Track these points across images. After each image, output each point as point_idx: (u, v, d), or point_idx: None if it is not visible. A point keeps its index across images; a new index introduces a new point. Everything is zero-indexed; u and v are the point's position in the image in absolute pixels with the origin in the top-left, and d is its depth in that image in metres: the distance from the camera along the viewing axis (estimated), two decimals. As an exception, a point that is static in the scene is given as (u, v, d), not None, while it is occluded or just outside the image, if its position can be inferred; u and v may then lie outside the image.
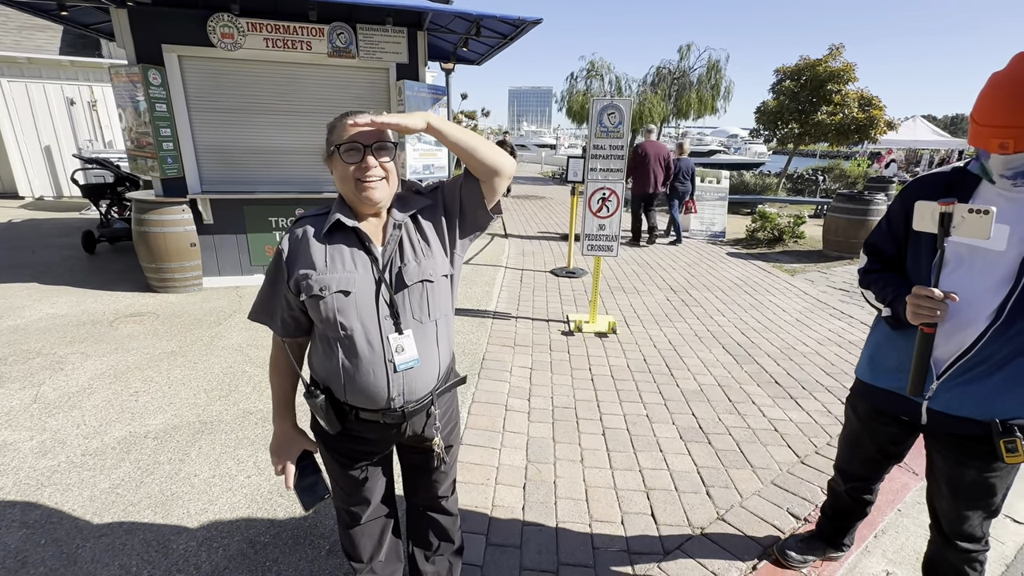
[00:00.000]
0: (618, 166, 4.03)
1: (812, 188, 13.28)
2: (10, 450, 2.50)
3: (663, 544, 2.05)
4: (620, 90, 19.35)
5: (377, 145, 1.12)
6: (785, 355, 3.94)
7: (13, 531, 2.01)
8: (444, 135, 1.11)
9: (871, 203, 6.98)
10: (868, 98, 11.26)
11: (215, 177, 4.98)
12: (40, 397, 3.00)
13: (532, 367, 3.63)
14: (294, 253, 1.18)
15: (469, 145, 1.13)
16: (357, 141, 1.10)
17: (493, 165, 1.16)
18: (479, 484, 2.35)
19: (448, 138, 1.11)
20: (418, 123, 1.07)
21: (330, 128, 1.16)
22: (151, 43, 4.44)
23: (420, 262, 1.20)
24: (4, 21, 10.72)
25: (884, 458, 1.66)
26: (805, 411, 3.11)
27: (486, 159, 1.15)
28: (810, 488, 2.39)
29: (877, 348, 1.58)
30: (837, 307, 5.13)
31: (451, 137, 1.11)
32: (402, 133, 1.08)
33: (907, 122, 17.00)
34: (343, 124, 1.12)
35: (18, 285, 4.98)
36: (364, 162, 1.11)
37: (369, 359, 1.17)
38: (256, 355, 3.65)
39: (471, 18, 4.86)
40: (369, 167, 1.12)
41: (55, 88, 9.92)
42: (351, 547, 1.52)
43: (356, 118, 1.06)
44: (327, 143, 1.16)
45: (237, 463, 2.46)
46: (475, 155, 1.14)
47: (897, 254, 1.50)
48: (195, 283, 5.02)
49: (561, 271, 6.25)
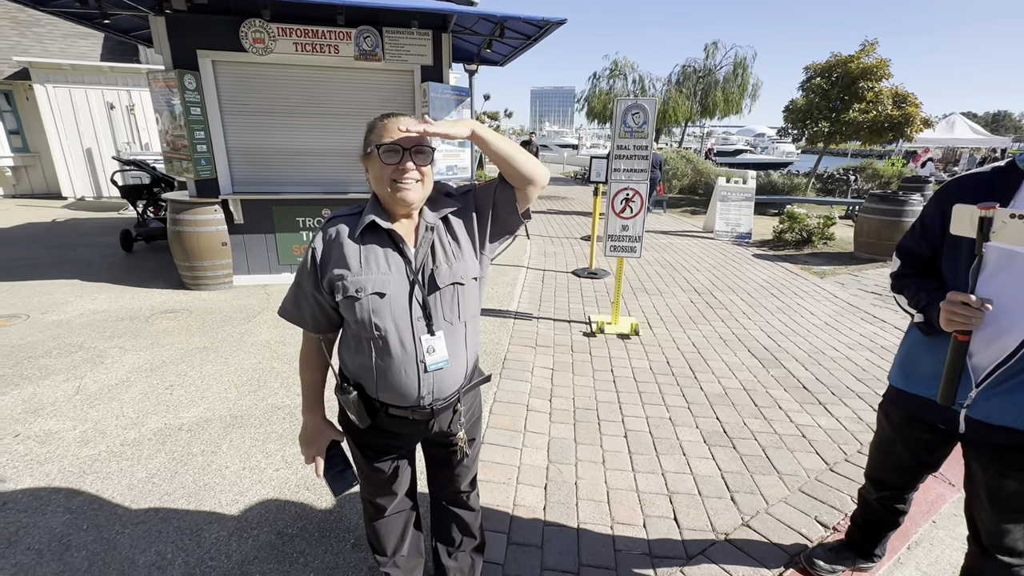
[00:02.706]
0: (642, 166, 4.00)
1: (843, 188, 12.90)
2: (55, 439, 2.63)
3: (686, 548, 2.03)
4: (644, 89, 19.19)
5: (416, 149, 1.13)
6: (813, 359, 3.85)
7: (58, 516, 2.11)
8: (487, 144, 1.12)
9: (906, 204, 6.76)
10: (903, 95, 10.88)
11: (245, 178, 5.13)
12: (82, 389, 3.14)
13: (554, 368, 3.63)
14: (327, 253, 1.20)
15: (509, 155, 1.15)
16: (398, 144, 1.12)
17: (530, 175, 1.18)
18: (500, 483, 2.37)
19: (490, 147, 1.13)
20: (463, 131, 1.09)
21: (370, 127, 1.18)
22: (186, 49, 4.60)
23: (451, 265, 1.22)
24: (51, 30, 11.25)
25: (918, 466, 1.61)
26: (834, 417, 3.03)
27: (524, 169, 1.17)
28: (839, 496, 2.33)
29: (910, 354, 1.53)
30: (869, 311, 4.98)
31: (493, 146, 1.13)
32: (447, 139, 1.10)
33: (945, 120, 16.38)
34: (384, 124, 1.14)
35: (62, 281, 5.22)
36: (402, 165, 1.13)
37: (401, 359, 1.19)
38: (284, 352, 3.74)
39: (495, 19, 4.88)
40: (407, 170, 1.13)
41: (96, 93, 10.34)
42: (375, 539, 1.55)
43: (405, 123, 1.07)
44: (365, 142, 1.18)
45: (266, 456, 2.54)
46: (514, 164, 1.16)
47: (932, 257, 1.45)
48: (226, 281, 5.17)
49: (583, 272, 6.22)
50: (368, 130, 1.18)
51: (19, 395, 3.03)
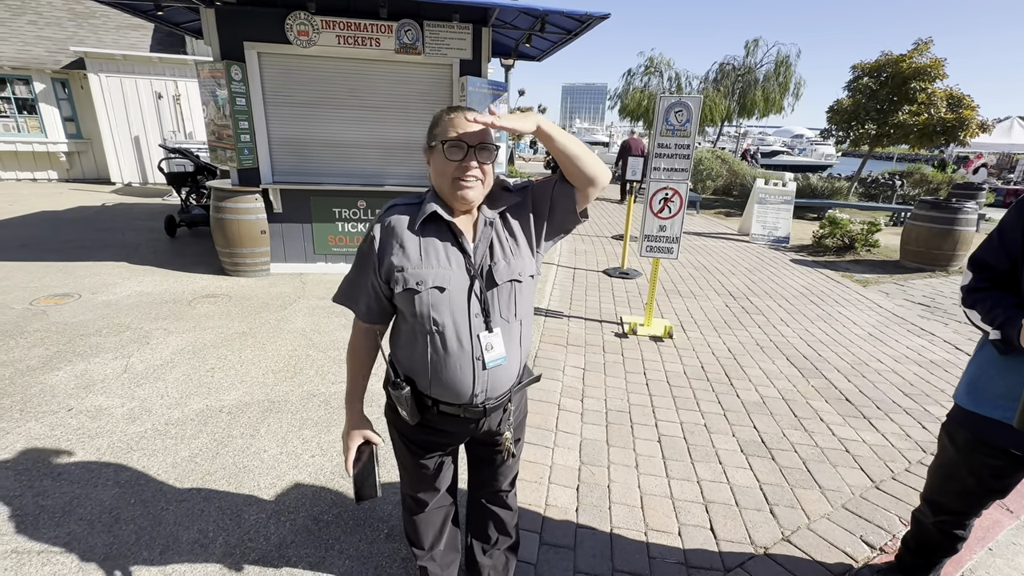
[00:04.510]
0: (683, 166, 3.90)
1: (888, 193, 12.36)
2: (105, 415, 2.74)
3: (723, 561, 1.97)
4: (680, 87, 18.78)
5: (481, 146, 1.11)
6: (857, 371, 3.70)
7: (108, 489, 2.20)
8: (552, 139, 1.08)
9: (959, 211, 6.41)
10: (958, 97, 10.31)
11: (286, 168, 5.24)
12: (130, 368, 3.26)
13: (585, 368, 3.59)
14: (386, 242, 1.18)
15: (573, 152, 1.11)
16: (463, 140, 1.10)
17: (592, 175, 1.15)
18: (532, 482, 2.35)
19: (556, 143, 1.09)
20: (529, 126, 1.06)
21: (434, 121, 1.16)
22: (234, 40, 4.72)
23: (509, 261, 1.19)
24: (105, 22, 11.72)
25: (984, 492, 1.51)
26: (880, 433, 2.91)
27: (587, 168, 1.13)
28: (886, 516, 2.23)
29: (981, 372, 1.44)
30: (916, 323, 4.76)
31: (558, 143, 1.09)
32: (513, 134, 1.08)
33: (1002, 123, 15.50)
34: (450, 119, 1.12)
35: (111, 264, 5.45)
36: (466, 161, 1.11)
37: (457, 355, 1.17)
38: (319, 340, 3.81)
39: (537, 13, 4.84)
40: (470, 168, 1.11)
41: (145, 83, 10.74)
42: (414, 533, 1.56)
43: (473, 114, 1.05)
44: (429, 135, 1.17)
45: (302, 442, 2.59)
46: (577, 163, 1.12)
47: (1010, 271, 1.36)
48: (263, 268, 5.30)
49: (614, 271, 6.14)
50: (433, 123, 1.17)
51: (72, 371, 3.18)
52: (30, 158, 11.15)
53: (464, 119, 1.08)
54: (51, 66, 10.63)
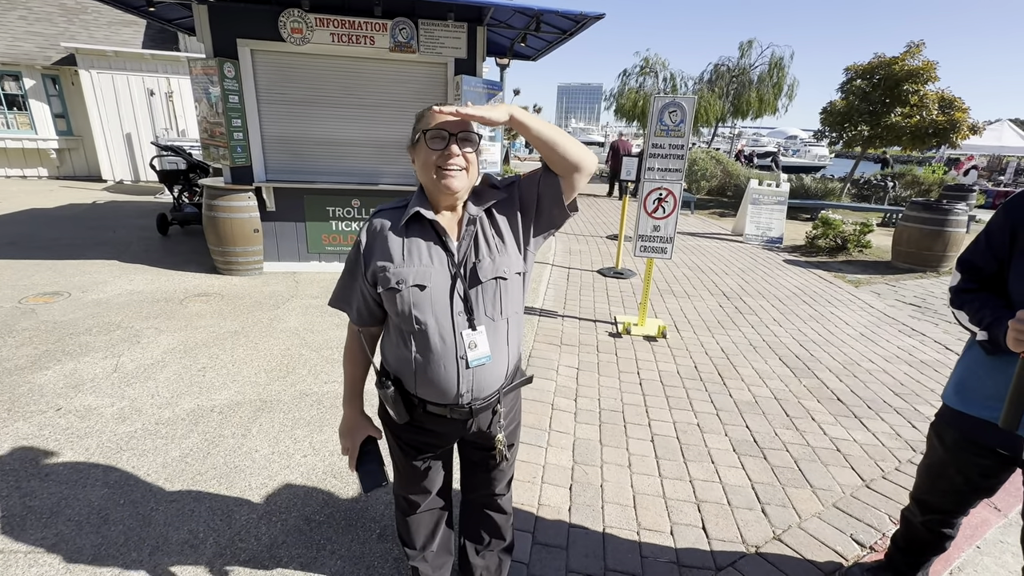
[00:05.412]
0: (677, 166, 3.91)
1: (880, 195, 12.46)
2: (94, 415, 2.71)
3: (715, 559, 1.98)
4: (675, 87, 18.82)
5: (462, 135, 1.12)
6: (848, 371, 3.72)
7: (96, 489, 2.17)
8: (527, 127, 1.08)
9: (950, 213, 6.48)
10: (949, 99, 10.41)
11: (279, 167, 5.20)
12: (120, 367, 3.23)
13: (579, 367, 3.59)
14: (371, 245, 1.20)
15: (551, 139, 1.10)
16: (443, 129, 1.10)
17: (575, 160, 1.12)
18: (525, 481, 2.35)
19: (531, 131, 1.09)
20: (501, 115, 1.05)
21: (418, 117, 1.17)
22: (227, 37, 4.68)
23: (494, 258, 1.19)
24: (96, 18, 11.61)
25: (972, 491, 1.53)
26: (871, 432, 2.93)
27: (568, 154, 1.11)
28: (876, 515, 2.25)
29: (969, 373, 1.45)
30: (907, 323, 4.80)
31: (533, 130, 1.08)
32: (485, 125, 1.07)
33: (992, 126, 15.67)
34: (430, 113, 1.12)
35: (101, 261, 5.39)
36: (448, 150, 1.11)
37: (441, 354, 1.17)
38: (312, 339, 3.79)
39: (532, 13, 4.83)
40: (452, 155, 1.11)
41: (137, 80, 10.64)
42: (406, 534, 1.55)
43: (442, 107, 1.06)
44: (413, 131, 1.17)
45: (294, 442, 2.57)
46: (556, 149, 1.11)
47: (997, 273, 1.38)
48: (256, 267, 5.27)
49: (609, 271, 6.15)
50: (416, 119, 1.18)
51: (61, 370, 3.14)
52: (20, 155, 11.03)
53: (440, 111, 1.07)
54: (41, 62, 10.52)
